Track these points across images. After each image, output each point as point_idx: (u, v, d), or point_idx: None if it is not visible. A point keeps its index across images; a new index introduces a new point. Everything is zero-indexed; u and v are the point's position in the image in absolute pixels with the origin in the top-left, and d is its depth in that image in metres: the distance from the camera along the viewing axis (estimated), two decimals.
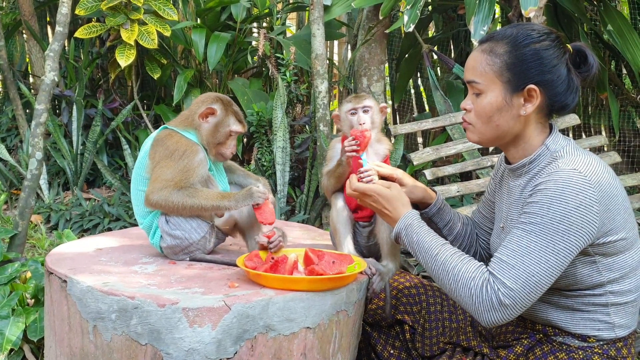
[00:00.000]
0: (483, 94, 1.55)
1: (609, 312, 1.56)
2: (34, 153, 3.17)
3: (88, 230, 4.26)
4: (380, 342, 1.94)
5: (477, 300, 1.45)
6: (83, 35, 4.48)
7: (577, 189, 1.42)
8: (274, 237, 1.80)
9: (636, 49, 3.92)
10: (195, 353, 1.46)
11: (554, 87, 1.53)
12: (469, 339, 1.78)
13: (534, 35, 1.53)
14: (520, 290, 1.43)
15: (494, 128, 1.57)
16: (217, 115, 1.84)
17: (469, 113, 1.61)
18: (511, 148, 1.62)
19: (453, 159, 4.20)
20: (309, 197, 4.18)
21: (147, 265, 1.77)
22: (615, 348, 1.57)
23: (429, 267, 1.56)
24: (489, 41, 1.57)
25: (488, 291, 1.44)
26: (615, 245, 1.50)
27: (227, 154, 1.90)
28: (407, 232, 1.60)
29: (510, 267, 1.44)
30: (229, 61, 4.93)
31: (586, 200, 1.42)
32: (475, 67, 1.56)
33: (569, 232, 1.42)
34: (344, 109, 1.96)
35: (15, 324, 2.24)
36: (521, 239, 1.46)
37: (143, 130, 5.10)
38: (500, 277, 1.44)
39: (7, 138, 5.79)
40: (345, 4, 4.34)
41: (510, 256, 1.46)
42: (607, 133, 5.08)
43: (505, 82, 1.53)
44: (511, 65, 1.52)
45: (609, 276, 1.52)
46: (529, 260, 1.43)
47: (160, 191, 1.74)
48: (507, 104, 1.54)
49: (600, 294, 1.54)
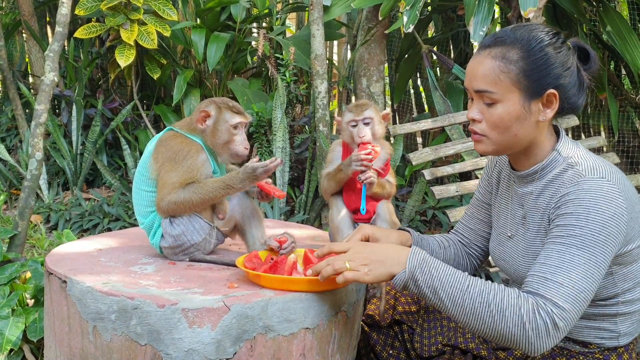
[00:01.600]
0: (498, 103, 1.46)
1: (616, 321, 1.53)
2: (33, 153, 3.17)
3: (88, 230, 4.26)
4: (379, 342, 1.94)
5: (531, 327, 1.31)
6: (83, 35, 4.48)
7: (610, 198, 1.38)
8: (286, 244, 1.80)
9: (635, 49, 3.92)
10: (195, 353, 1.46)
11: (569, 89, 1.48)
12: (467, 341, 1.78)
13: (545, 38, 1.46)
14: (572, 309, 1.33)
15: (511, 138, 1.49)
16: (212, 116, 1.85)
17: (479, 124, 1.51)
18: (522, 156, 1.56)
19: (452, 159, 4.20)
20: (309, 198, 4.19)
21: (147, 266, 1.77)
22: (616, 354, 1.56)
23: (459, 304, 1.37)
24: (497, 46, 1.47)
25: (542, 315, 1.31)
26: (632, 254, 1.48)
27: (240, 151, 1.85)
28: (423, 269, 1.40)
29: (559, 285, 1.33)
30: (229, 61, 4.93)
31: (619, 209, 1.38)
32: (487, 75, 1.46)
33: (606, 243, 1.36)
34: (344, 119, 1.93)
35: (15, 324, 2.24)
36: (562, 254, 1.37)
37: (143, 130, 5.10)
38: (551, 298, 1.33)
39: (7, 138, 5.79)
40: (344, 5, 4.34)
41: (556, 274, 1.35)
42: (606, 134, 5.08)
43: (524, 89, 1.45)
44: (529, 71, 1.44)
45: (623, 287, 1.50)
46: (576, 276, 1.34)
47: (169, 196, 1.75)
48: (525, 112, 1.46)
49: (612, 304, 1.52)
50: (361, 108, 1.91)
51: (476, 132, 1.53)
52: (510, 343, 1.35)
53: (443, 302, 1.39)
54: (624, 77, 5.25)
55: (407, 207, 4.07)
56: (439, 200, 4.22)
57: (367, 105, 1.92)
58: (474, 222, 1.84)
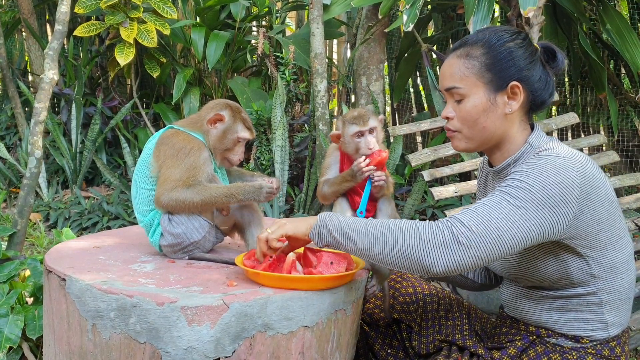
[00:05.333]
0: (466, 98, 1.56)
1: (603, 311, 1.56)
2: (33, 151, 3.17)
3: (87, 228, 4.27)
4: (377, 341, 1.94)
5: (427, 237, 1.38)
6: (82, 33, 4.48)
7: (559, 169, 1.42)
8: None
9: (635, 48, 3.93)
10: (194, 351, 1.46)
11: (533, 82, 1.55)
12: (464, 338, 1.78)
13: (505, 35, 1.56)
14: (478, 232, 1.36)
15: (480, 131, 1.57)
16: (225, 122, 1.85)
17: (452, 121, 1.61)
18: (496, 151, 1.63)
19: (451, 160, 4.21)
20: (308, 196, 4.19)
21: (146, 264, 1.77)
22: (608, 347, 1.58)
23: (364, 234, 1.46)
24: (462, 47, 1.58)
25: (440, 227, 1.38)
26: (600, 238, 1.49)
27: (234, 160, 1.90)
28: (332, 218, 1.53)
29: (473, 211, 1.40)
30: (228, 60, 4.93)
31: (567, 180, 1.41)
32: (454, 72, 1.57)
33: (544, 204, 1.39)
34: (348, 132, 1.88)
35: (14, 322, 2.24)
36: (494, 197, 1.42)
37: (142, 128, 5.10)
38: (459, 217, 1.39)
39: (6, 136, 5.79)
40: (344, 3, 4.34)
41: (477, 206, 1.41)
42: (606, 132, 5.09)
43: (487, 82, 1.54)
44: (490, 65, 1.53)
45: (599, 271, 1.52)
46: (496, 214, 1.38)
47: (170, 192, 1.75)
48: (491, 104, 1.55)
49: (593, 292, 1.54)
50: (364, 118, 1.87)
51: (450, 129, 1.63)
52: (411, 259, 1.39)
53: (351, 240, 1.48)
54: (623, 77, 5.26)
55: (406, 206, 4.07)
56: (439, 200, 4.22)
57: (367, 114, 1.89)
58: None
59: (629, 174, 3.22)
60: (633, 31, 4.02)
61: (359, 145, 1.87)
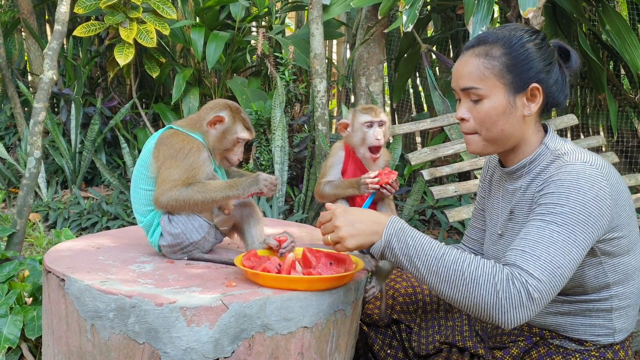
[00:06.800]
0: (484, 99, 1.51)
1: (612, 317, 1.54)
2: (32, 151, 3.17)
3: (86, 228, 4.26)
4: (377, 342, 1.94)
5: (504, 295, 1.30)
6: (82, 33, 4.48)
7: (592, 181, 1.39)
8: (286, 243, 1.80)
9: (634, 49, 3.93)
10: (193, 352, 1.46)
11: (550, 84, 1.52)
12: (464, 339, 1.78)
13: (525, 35, 1.52)
14: (548, 282, 1.31)
15: (499, 133, 1.53)
16: (224, 123, 1.85)
17: (467, 122, 1.55)
18: (511, 153, 1.59)
19: (451, 159, 4.21)
20: (307, 197, 4.19)
21: (145, 264, 1.77)
22: (612, 351, 1.57)
23: (434, 271, 1.37)
24: (480, 45, 1.53)
25: (516, 285, 1.30)
26: (619, 244, 1.48)
27: (233, 160, 1.90)
28: (399, 238, 1.41)
29: (536, 258, 1.33)
30: (228, 60, 4.93)
31: (601, 192, 1.39)
32: (472, 72, 1.51)
33: (587, 223, 1.37)
34: (359, 120, 1.92)
35: (13, 322, 2.24)
36: (542, 229, 1.37)
37: (142, 128, 5.10)
38: (527, 269, 1.32)
39: (6, 136, 5.79)
40: (344, 4, 4.34)
41: (534, 247, 1.35)
42: (605, 133, 5.09)
43: (508, 84, 1.49)
44: (511, 66, 1.49)
45: (613, 278, 1.51)
46: (554, 251, 1.34)
47: (170, 192, 1.75)
48: (511, 106, 1.50)
49: (605, 298, 1.52)
50: (377, 111, 1.92)
51: (466, 132, 1.57)
52: (484, 312, 1.33)
53: (419, 270, 1.39)
54: (623, 77, 5.26)
55: (405, 206, 4.07)
56: (438, 200, 4.22)
57: (379, 108, 1.95)
58: (475, 232, 1.87)
59: (628, 175, 3.23)
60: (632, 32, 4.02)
61: (367, 135, 1.90)
